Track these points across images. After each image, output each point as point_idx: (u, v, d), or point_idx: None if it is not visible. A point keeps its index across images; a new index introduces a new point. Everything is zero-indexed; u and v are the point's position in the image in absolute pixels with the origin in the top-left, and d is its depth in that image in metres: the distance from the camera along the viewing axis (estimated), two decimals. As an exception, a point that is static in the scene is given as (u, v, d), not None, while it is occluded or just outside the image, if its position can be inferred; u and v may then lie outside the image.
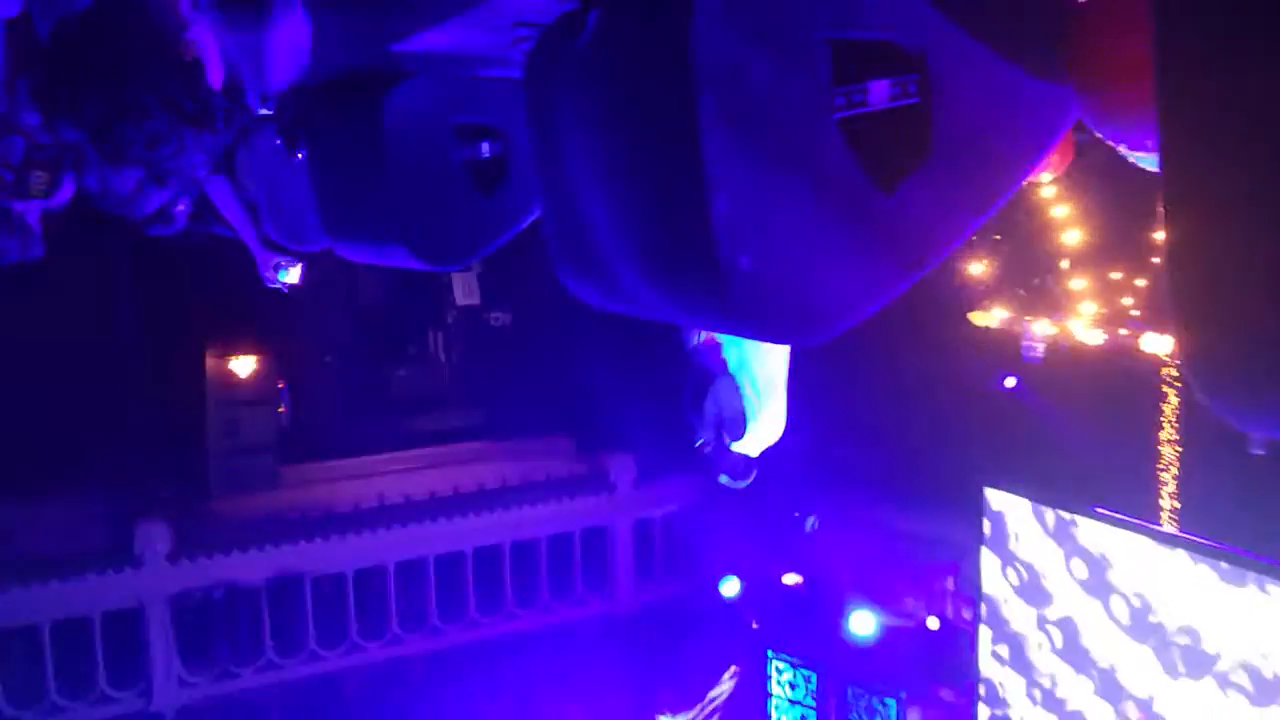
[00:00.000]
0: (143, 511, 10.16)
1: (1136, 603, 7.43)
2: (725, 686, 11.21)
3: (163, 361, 11.39)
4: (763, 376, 5.13)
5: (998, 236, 7.94)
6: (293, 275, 5.70)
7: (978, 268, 8.27)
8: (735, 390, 5.04)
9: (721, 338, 5.12)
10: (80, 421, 10.67)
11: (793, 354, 5.38)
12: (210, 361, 11.59)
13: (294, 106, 3.91)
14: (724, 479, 5.34)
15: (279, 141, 4.11)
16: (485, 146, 3.73)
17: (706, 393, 5.06)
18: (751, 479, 5.32)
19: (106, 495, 10.61)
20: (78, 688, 9.77)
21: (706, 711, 11.28)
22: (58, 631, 9.63)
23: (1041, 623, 8.24)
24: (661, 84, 2.02)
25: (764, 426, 5.16)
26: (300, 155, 4.04)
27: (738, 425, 5.08)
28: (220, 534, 10.45)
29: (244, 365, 11.63)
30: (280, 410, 12.07)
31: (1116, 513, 7.59)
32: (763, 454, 5.25)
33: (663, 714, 10.92)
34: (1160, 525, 7.69)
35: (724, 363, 5.08)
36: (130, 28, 2.46)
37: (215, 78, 4.21)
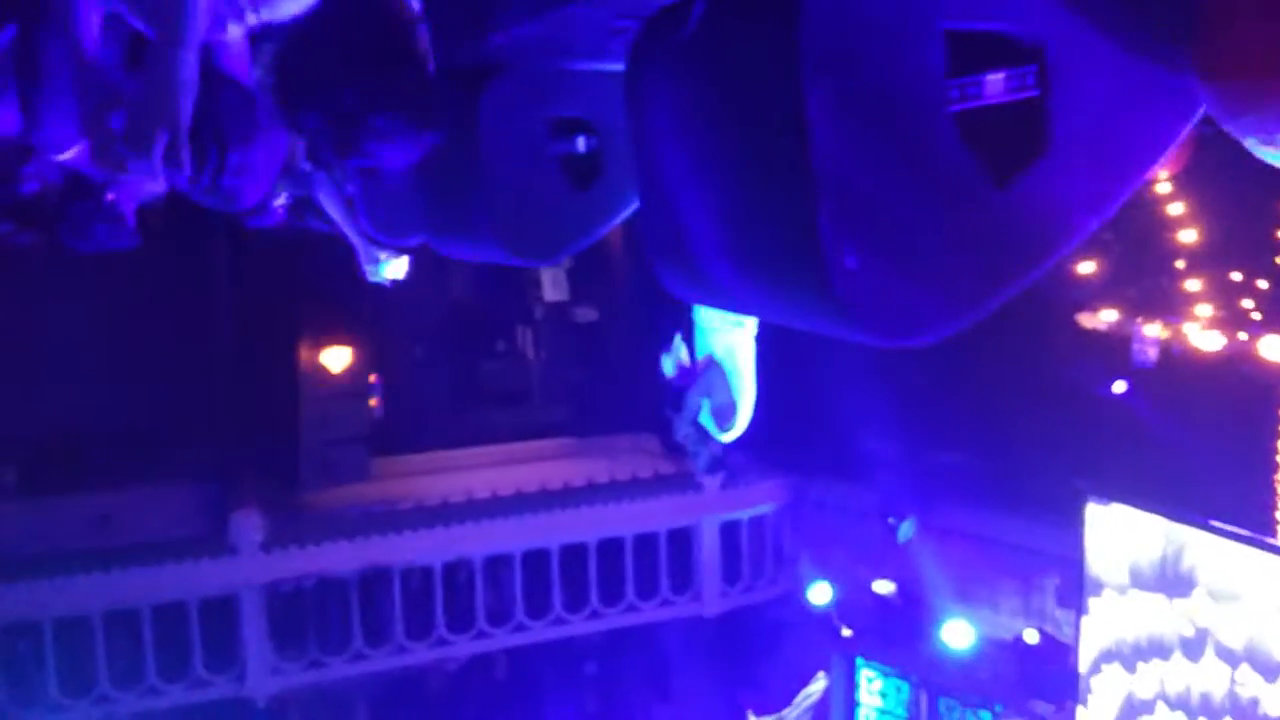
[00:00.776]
0: (238, 502, 10.39)
1: (1247, 620, 7.13)
2: (813, 693, 11.08)
3: (258, 354, 11.64)
4: (743, 369, 5.15)
5: (1108, 234, 7.65)
6: (396, 269, 5.69)
7: (1086, 267, 7.97)
8: (724, 381, 5.06)
9: (703, 329, 5.16)
10: (178, 412, 10.98)
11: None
12: (304, 354, 11.80)
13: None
14: (701, 469, 5.44)
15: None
16: (580, 141, 3.69)
17: (685, 393, 5.11)
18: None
19: (203, 485, 10.88)
20: (175, 671, 10.04)
21: (793, 718, 11.16)
22: (158, 616, 9.91)
23: (1145, 638, 7.96)
24: (768, 77, 1.95)
25: (744, 416, 5.21)
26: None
27: (726, 414, 5.10)
28: (312, 525, 10.64)
29: (337, 358, 11.82)
30: (372, 403, 12.25)
31: (1229, 525, 7.29)
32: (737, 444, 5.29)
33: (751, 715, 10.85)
34: (1276, 539, 7.37)
35: (704, 371, 5.14)
36: None
37: None
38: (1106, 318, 7.99)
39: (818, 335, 2.16)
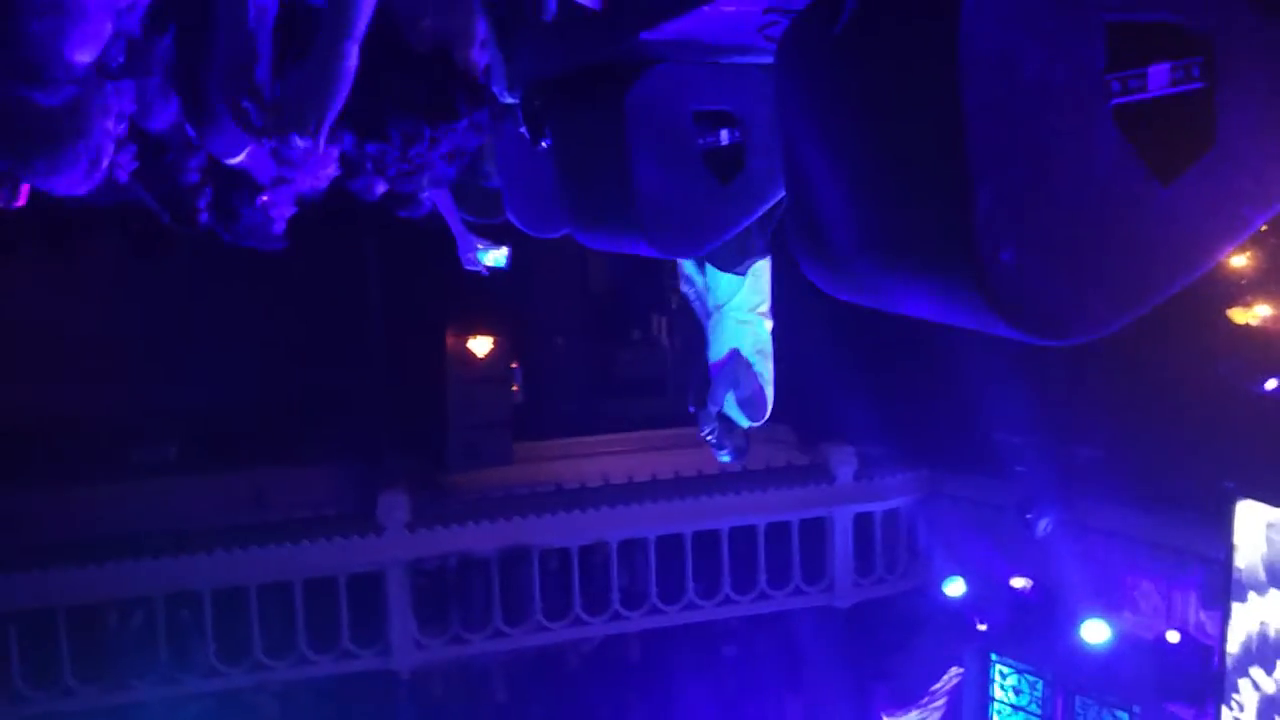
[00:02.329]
0: (386, 482, 10.74)
1: None
2: (947, 687, 10.93)
3: (407, 342, 12.01)
4: (766, 359, 5.09)
5: (1264, 227, 7.33)
6: (496, 258, 5.75)
7: (1240, 260, 7.68)
8: (750, 372, 5.01)
9: (727, 321, 5.11)
10: (331, 396, 11.39)
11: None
12: (450, 341, 12.14)
13: (540, 94, 4.02)
14: (724, 458, 5.37)
15: (523, 130, 4.22)
16: (724, 134, 3.72)
17: (709, 388, 5.09)
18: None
19: (353, 465, 11.27)
20: (324, 642, 10.44)
21: (926, 713, 11.03)
22: (308, 589, 10.32)
23: (1299, 644, 7.65)
24: (922, 68, 1.96)
25: (770, 403, 5.16)
26: (545, 144, 4.14)
27: (756, 403, 5.05)
28: (456, 506, 10.94)
29: (481, 345, 12.12)
30: (514, 389, 12.52)
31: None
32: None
33: (884, 714, 10.76)
34: None
35: (728, 364, 5.09)
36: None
37: (463, 64, 4.36)
38: (1260, 313, 7.67)
39: (961, 329, 2.16)
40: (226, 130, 3.45)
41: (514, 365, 12.57)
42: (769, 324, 5.19)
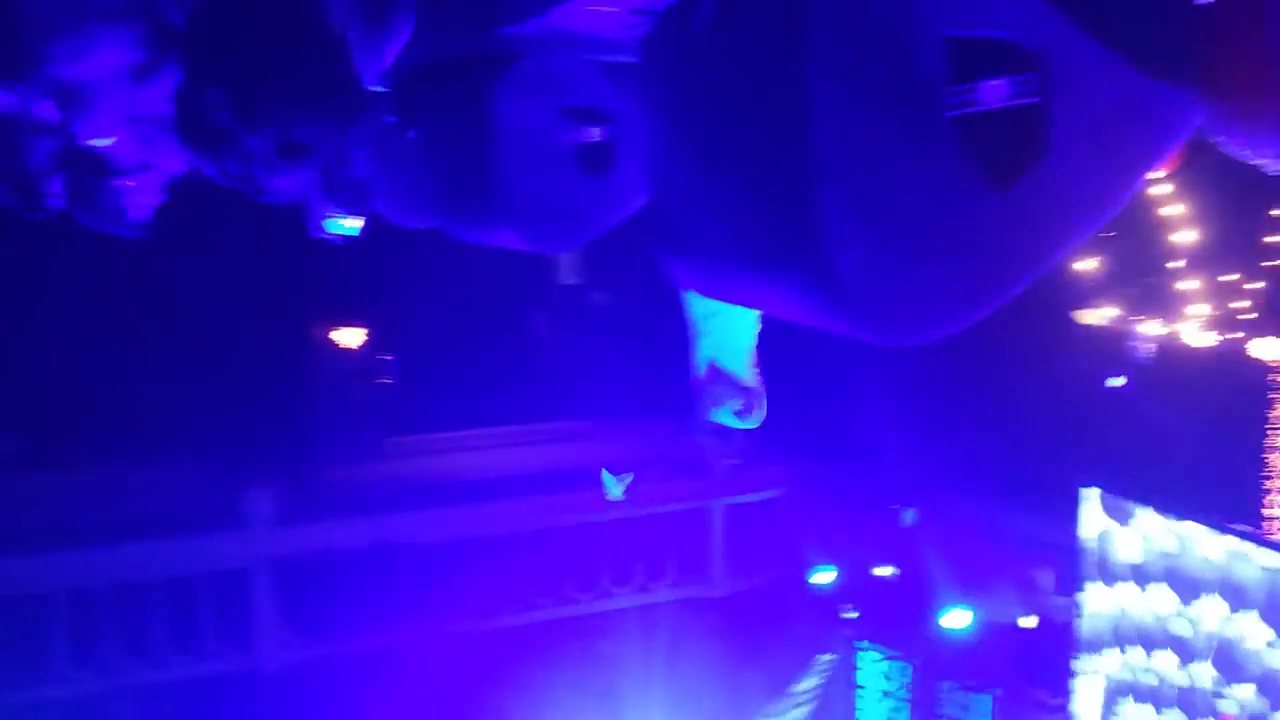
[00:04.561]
0: (250, 477, 10.46)
1: (1234, 609, 7.20)
2: (810, 682, 11.17)
3: (274, 333, 11.71)
4: (750, 360, 5.21)
5: (1107, 233, 7.72)
6: (349, 225, 5.69)
7: (1086, 264, 8.05)
8: (732, 381, 5.12)
9: (707, 332, 5.21)
10: (195, 390, 11.04)
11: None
12: (319, 333, 11.88)
13: (409, 84, 3.96)
14: (729, 459, 5.50)
15: (392, 119, 4.16)
16: (594, 130, 3.73)
17: (703, 411, 5.20)
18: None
19: (217, 461, 10.95)
20: (186, 644, 10.12)
21: (797, 700, 11.25)
22: (168, 589, 9.99)
23: (1134, 627, 8.04)
24: (776, 73, 2.01)
25: (763, 401, 5.29)
26: (411, 134, 4.09)
27: (747, 408, 5.17)
28: (324, 501, 10.73)
29: (351, 337, 11.90)
30: (385, 382, 12.33)
31: (1221, 520, 7.36)
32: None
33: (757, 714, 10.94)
34: (1267, 533, 7.43)
35: (708, 382, 5.21)
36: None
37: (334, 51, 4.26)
38: (1105, 315, 8.06)
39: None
40: (97, 112, 3.32)
41: (386, 357, 12.38)
42: (757, 328, 5.20)
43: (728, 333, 5.23)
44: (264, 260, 11.34)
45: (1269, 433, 7.42)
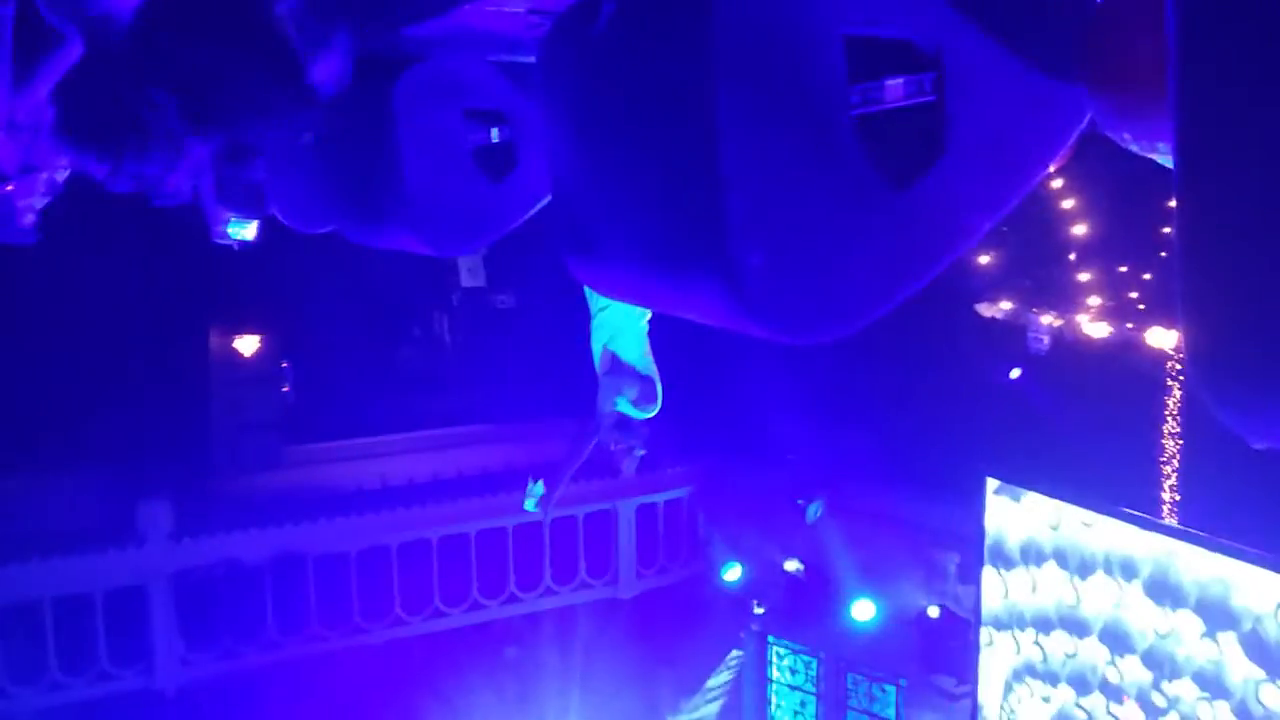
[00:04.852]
0: (145, 490, 10.17)
1: (1132, 593, 7.44)
2: (722, 678, 11.26)
3: (167, 341, 11.39)
4: (644, 348, 5.29)
5: (1004, 228, 7.92)
6: (246, 231, 5.60)
7: (984, 258, 8.26)
8: (631, 371, 5.19)
9: (600, 324, 5.27)
10: (85, 400, 10.68)
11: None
12: (214, 340, 11.59)
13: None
14: (639, 452, 5.57)
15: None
16: (495, 132, 3.70)
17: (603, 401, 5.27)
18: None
19: (109, 473, 10.63)
20: (79, 664, 9.80)
21: (710, 695, 11.32)
22: (60, 608, 9.66)
23: (1040, 611, 8.25)
24: (678, 75, 2.00)
25: (659, 390, 5.37)
26: (307, 136, 4.00)
27: (645, 398, 5.24)
28: (223, 513, 10.47)
29: (247, 344, 11.63)
30: (284, 389, 12.08)
31: (1117, 505, 7.60)
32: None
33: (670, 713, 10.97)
34: (1161, 518, 7.70)
35: (605, 374, 5.27)
36: None
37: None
38: (1003, 307, 8.27)
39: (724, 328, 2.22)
40: None
41: (284, 364, 12.13)
42: (649, 314, 5.24)
43: (621, 322, 5.26)
44: (157, 267, 11.03)
45: (1165, 419, 7.69)
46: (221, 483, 11.14)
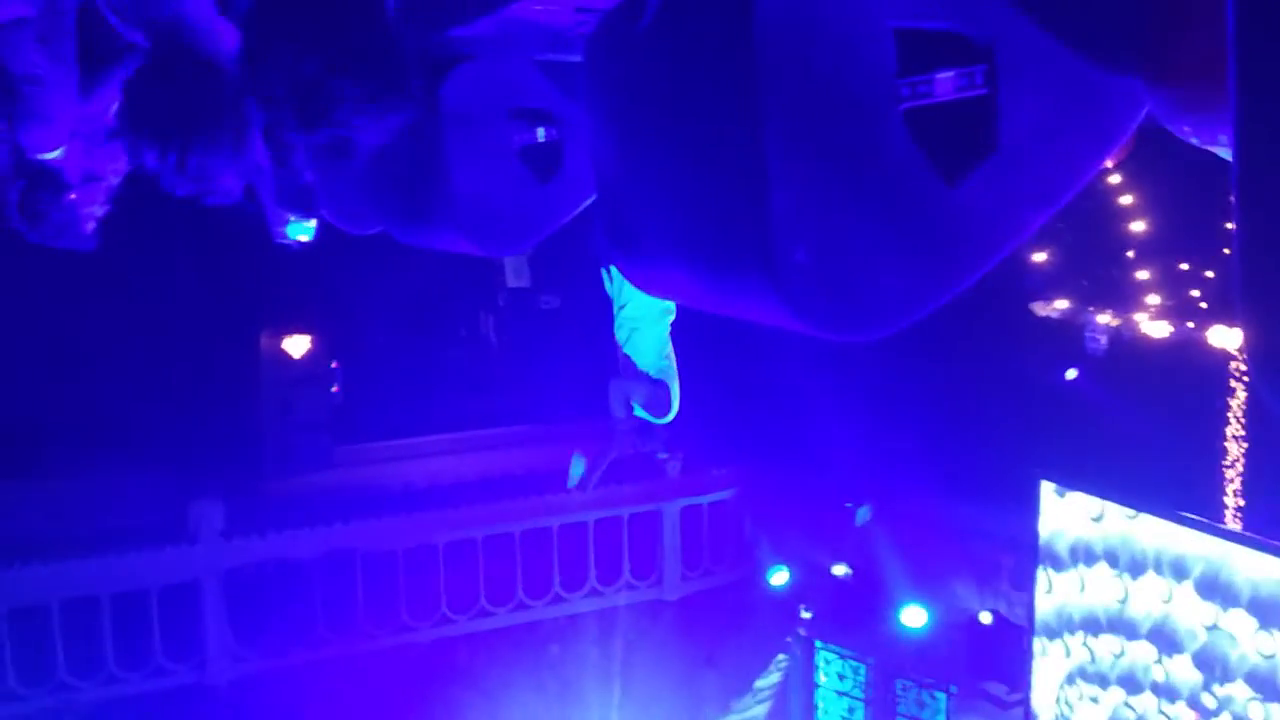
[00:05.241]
0: (199, 490, 10.32)
1: (1193, 601, 7.29)
2: (771, 680, 11.19)
3: (219, 343, 11.55)
4: (667, 355, 5.24)
5: (1061, 225, 7.79)
6: (303, 232, 5.65)
7: (1040, 256, 8.12)
8: (644, 377, 5.15)
9: (620, 323, 5.23)
10: (140, 401, 10.85)
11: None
12: (265, 342, 11.73)
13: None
14: (662, 455, 5.57)
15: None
16: (541, 131, 3.70)
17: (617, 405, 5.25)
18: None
19: (164, 474, 10.79)
20: (135, 659, 9.97)
21: (760, 695, 11.27)
22: (116, 604, 9.83)
23: (1096, 618, 8.12)
24: (721, 71, 1.98)
25: (677, 395, 5.32)
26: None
27: (659, 403, 5.19)
28: (274, 512, 10.60)
29: (298, 345, 11.75)
30: (333, 390, 12.20)
31: (1177, 510, 7.45)
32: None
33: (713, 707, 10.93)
34: (1224, 523, 7.53)
35: (618, 379, 5.24)
36: None
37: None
38: (1059, 306, 8.13)
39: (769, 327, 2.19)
40: (43, 123, 3.25)
41: (333, 365, 12.26)
42: (671, 316, 5.22)
43: (640, 322, 5.24)
44: (210, 271, 11.19)
45: (1228, 422, 7.51)
46: (272, 482, 11.28)
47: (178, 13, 2.69)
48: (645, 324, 5.19)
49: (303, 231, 5.61)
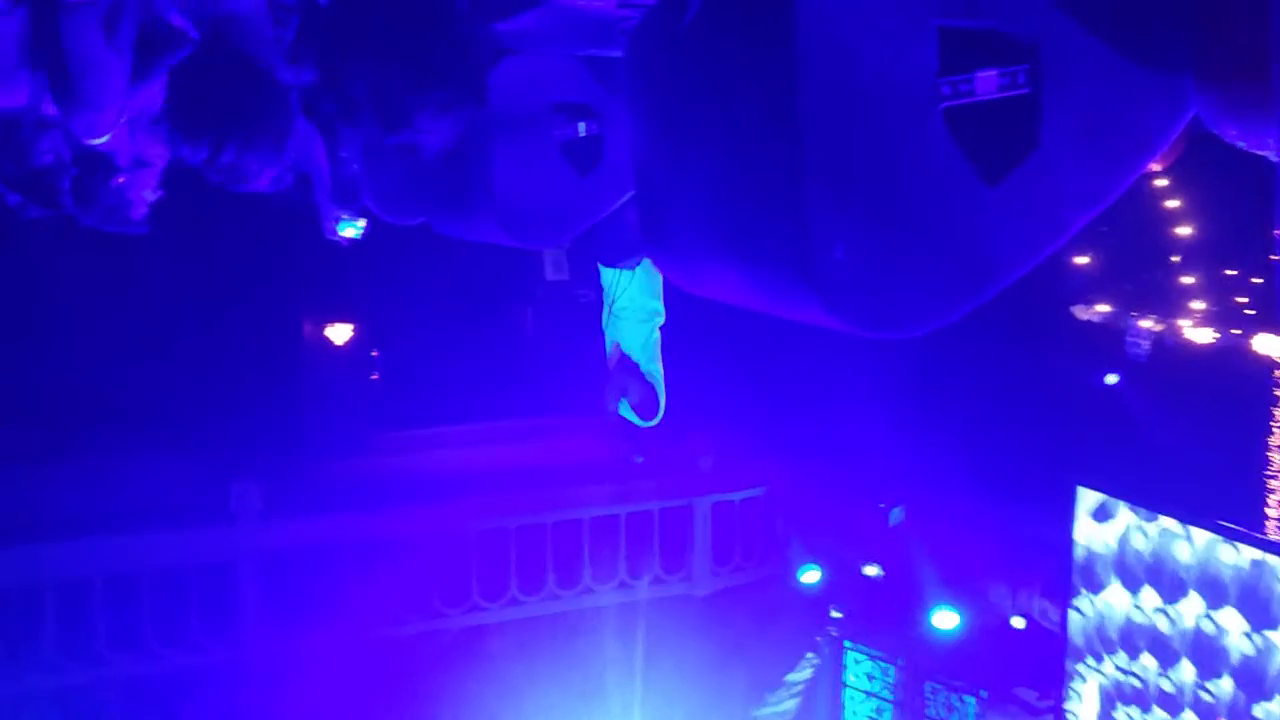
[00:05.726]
0: (239, 471, 10.45)
1: (1233, 612, 7.20)
2: (803, 675, 11.16)
3: (263, 329, 11.69)
4: (655, 359, 5.23)
5: (1104, 228, 7.70)
6: (353, 229, 5.71)
7: (1082, 259, 8.03)
8: (639, 375, 5.14)
9: (615, 324, 5.22)
10: (184, 384, 11.02)
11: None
12: (308, 329, 11.86)
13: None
14: (638, 459, 5.56)
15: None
16: (582, 126, 3.72)
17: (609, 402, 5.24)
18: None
19: (205, 455, 10.94)
20: (173, 636, 10.12)
21: (792, 690, 11.25)
22: (156, 581, 9.99)
23: (1130, 627, 8.03)
24: (763, 69, 1.98)
25: (662, 403, 5.32)
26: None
27: (647, 406, 5.19)
28: (311, 495, 10.72)
29: (339, 333, 11.87)
30: (373, 377, 12.31)
31: (1217, 520, 7.35)
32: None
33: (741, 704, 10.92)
34: (1265, 534, 7.42)
35: (615, 371, 5.22)
36: None
37: None
38: (1100, 310, 8.04)
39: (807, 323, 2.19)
40: (96, 109, 3.30)
41: (374, 353, 12.37)
42: (660, 320, 5.22)
43: (624, 325, 5.25)
44: (252, 257, 11.32)
45: (1272, 431, 7.39)
46: (311, 466, 11.39)
47: (233, 11, 2.73)
48: (631, 323, 5.19)
49: (352, 229, 5.67)
